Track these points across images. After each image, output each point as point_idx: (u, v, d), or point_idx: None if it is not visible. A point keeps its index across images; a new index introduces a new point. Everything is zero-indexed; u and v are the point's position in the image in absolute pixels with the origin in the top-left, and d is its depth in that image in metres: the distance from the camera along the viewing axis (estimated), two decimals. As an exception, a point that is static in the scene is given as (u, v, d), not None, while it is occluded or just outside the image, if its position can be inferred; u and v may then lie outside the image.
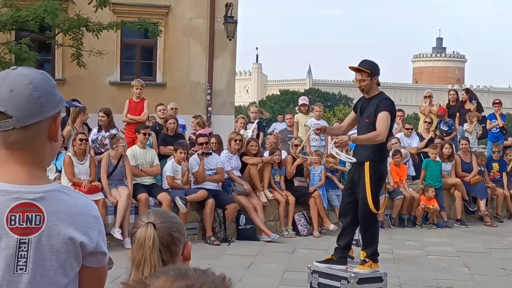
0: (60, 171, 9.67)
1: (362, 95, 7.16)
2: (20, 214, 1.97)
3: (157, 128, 11.45)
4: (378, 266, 6.97)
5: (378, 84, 7.07)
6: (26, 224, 1.97)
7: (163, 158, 10.68)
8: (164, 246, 2.27)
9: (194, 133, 11.91)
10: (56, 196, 2.02)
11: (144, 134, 10.20)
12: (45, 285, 2.02)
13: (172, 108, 12.22)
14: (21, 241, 1.97)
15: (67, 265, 2.04)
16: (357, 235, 7.59)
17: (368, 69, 6.88)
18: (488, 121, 14.34)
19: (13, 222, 1.96)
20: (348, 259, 7.14)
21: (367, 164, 6.82)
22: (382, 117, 6.77)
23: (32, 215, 1.97)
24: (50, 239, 2.00)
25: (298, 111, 13.91)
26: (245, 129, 12.77)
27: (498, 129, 14.36)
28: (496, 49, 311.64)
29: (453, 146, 13.01)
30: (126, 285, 1.58)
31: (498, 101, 15.04)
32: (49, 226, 1.99)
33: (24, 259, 1.98)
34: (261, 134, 13.11)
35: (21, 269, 1.99)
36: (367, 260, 6.92)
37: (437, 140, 13.20)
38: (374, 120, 6.84)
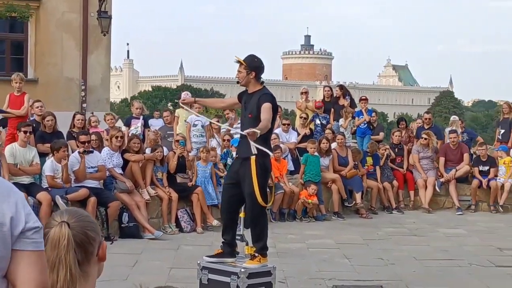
0: None
1: (239, 90, 7.26)
2: None
3: (34, 125, 11.05)
4: (267, 260, 7.06)
5: (262, 83, 7.15)
6: None
7: (41, 156, 10.33)
8: (79, 246, 2.19)
9: (73, 131, 11.60)
10: None
11: (25, 132, 9.82)
12: None
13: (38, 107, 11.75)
14: None
15: None
16: (241, 230, 7.67)
17: (246, 62, 7.00)
18: (356, 118, 14.92)
19: None
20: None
21: (253, 159, 6.87)
22: (266, 108, 6.90)
23: None
24: None
25: (178, 106, 13.78)
26: (128, 126, 12.63)
27: (366, 125, 14.99)
28: (361, 47, 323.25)
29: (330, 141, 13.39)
30: None
31: (364, 97, 15.84)
32: None
33: None
34: (146, 130, 12.95)
35: None
36: (256, 254, 6.99)
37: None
38: (257, 114, 6.94)
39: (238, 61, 7.05)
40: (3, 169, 9.39)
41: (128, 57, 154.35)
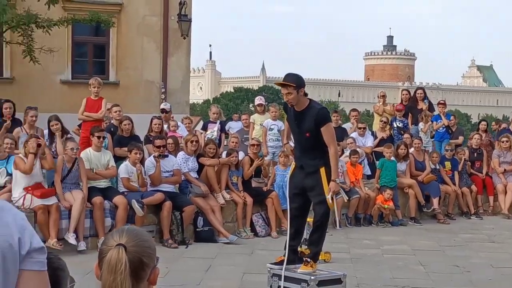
0: (11, 175, 9.45)
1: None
2: None
3: (112, 129, 11.26)
4: (316, 266, 7.12)
5: (306, 95, 7.13)
6: None
7: (118, 160, 10.49)
8: (131, 271, 2.19)
9: (151, 135, 11.71)
10: None
11: (99, 137, 9.94)
12: None
13: (116, 111, 11.82)
14: None
15: (8, 269, 1.97)
16: (307, 235, 7.74)
17: (293, 83, 6.95)
18: (434, 122, 14.62)
19: None
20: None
21: (322, 170, 7.05)
22: (328, 130, 7.00)
23: None
24: None
25: (254, 111, 13.90)
26: (205, 130, 12.81)
27: (444, 129, 14.69)
28: (444, 48, 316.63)
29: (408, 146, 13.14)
30: None
31: (443, 101, 15.54)
32: None
33: None
34: (223, 135, 13.07)
35: None
36: (309, 260, 7.04)
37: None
38: (316, 133, 6.97)
39: (284, 84, 6.95)
40: (81, 173, 9.58)
41: (210, 58, 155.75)
